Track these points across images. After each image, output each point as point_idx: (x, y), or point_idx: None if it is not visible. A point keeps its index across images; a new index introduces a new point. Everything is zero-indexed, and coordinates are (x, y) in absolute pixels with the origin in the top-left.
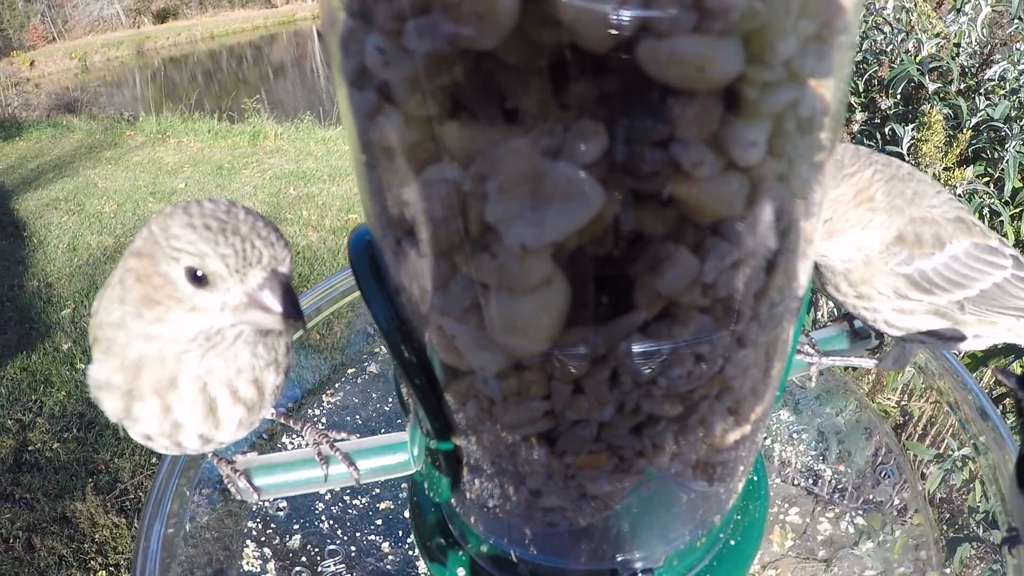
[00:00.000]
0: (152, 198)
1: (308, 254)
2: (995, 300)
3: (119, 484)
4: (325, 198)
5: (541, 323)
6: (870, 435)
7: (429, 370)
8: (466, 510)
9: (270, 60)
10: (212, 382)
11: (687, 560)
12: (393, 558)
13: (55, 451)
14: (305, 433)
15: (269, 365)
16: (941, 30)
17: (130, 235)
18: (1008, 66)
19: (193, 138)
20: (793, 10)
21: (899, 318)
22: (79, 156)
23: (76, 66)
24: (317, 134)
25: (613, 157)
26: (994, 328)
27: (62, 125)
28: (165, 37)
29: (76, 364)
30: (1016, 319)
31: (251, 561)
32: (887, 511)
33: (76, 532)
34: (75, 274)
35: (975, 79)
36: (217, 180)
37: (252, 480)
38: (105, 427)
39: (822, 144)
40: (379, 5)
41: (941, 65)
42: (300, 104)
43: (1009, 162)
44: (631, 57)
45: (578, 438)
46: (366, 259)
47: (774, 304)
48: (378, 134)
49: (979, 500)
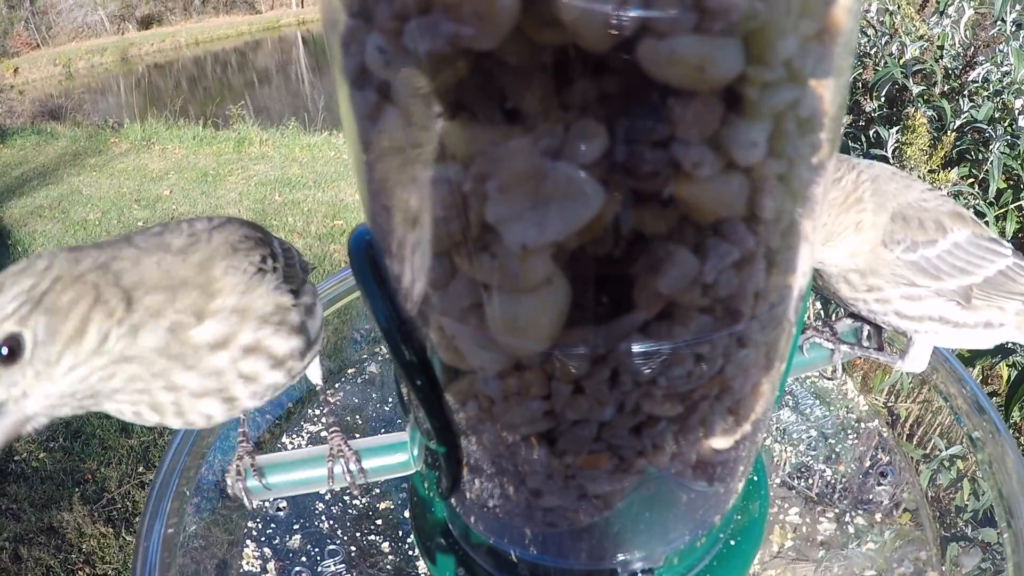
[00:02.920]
0: (137, 205)
1: None
2: (1000, 286)
3: (106, 494)
4: (311, 204)
5: (541, 323)
6: (870, 435)
7: (429, 370)
8: (466, 510)
9: (255, 66)
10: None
11: (687, 560)
12: (393, 558)
13: (41, 461)
14: (329, 426)
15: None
16: (924, 32)
17: None
18: (991, 68)
19: (178, 145)
20: (793, 10)
21: (909, 306)
22: (63, 163)
23: (60, 73)
24: (302, 140)
25: (613, 157)
26: (1003, 314)
27: (46, 132)
28: (149, 43)
29: None
30: (1023, 303)
31: (251, 561)
32: (887, 511)
33: (63, 542)
34: None
35: (959, 81)
36: (202, 187)
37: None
38: (92, 436)
39: (822, 144)
40: (379, 5)
41: (925, 67)
42: (285, 110)
43: (993, 163)
44: (631, 57)
45: (578, 438)
46: (366, 259)
47: (774, 304)
48: (378, 134)
49: (967, 499)
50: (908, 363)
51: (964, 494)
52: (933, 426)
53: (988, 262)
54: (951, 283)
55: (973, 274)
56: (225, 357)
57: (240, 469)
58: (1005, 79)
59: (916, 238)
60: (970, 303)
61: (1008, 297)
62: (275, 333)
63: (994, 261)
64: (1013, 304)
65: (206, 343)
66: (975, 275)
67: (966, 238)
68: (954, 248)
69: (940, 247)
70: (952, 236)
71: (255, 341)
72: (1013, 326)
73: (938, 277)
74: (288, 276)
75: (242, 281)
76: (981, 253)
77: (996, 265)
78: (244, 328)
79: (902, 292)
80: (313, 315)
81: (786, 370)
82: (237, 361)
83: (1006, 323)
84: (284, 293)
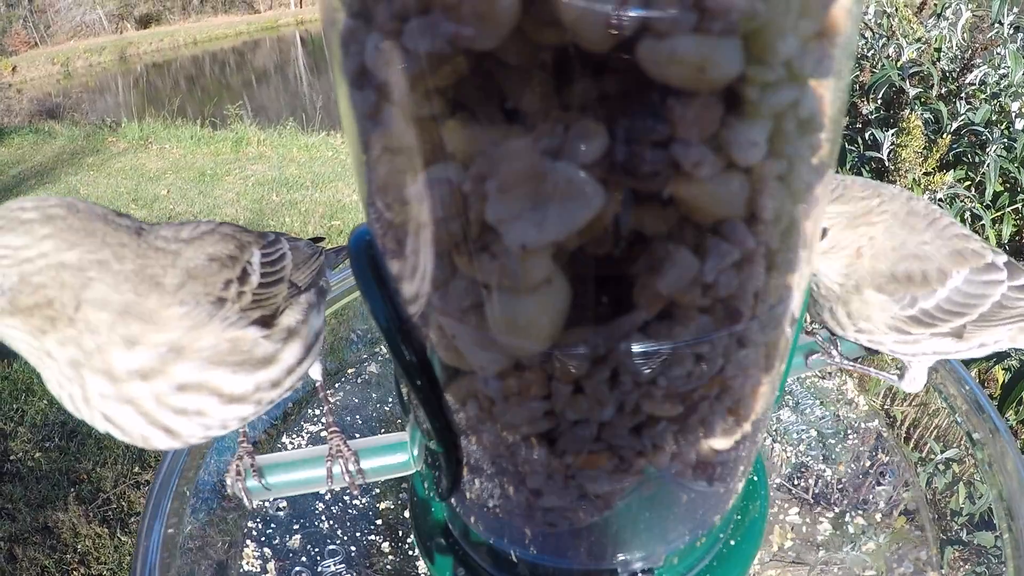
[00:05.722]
0: (135, 204)
1: None
2: (994, 315)
3: (101, 494)
4: (308, 204)
5: (541, 323)
6: (869, 435)
7: (429, 370)
8: (466, 510)
9: (253, 66)
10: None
11: (687, 560)
12: (393, 558)
13: (37, 460)
14: (328, 426)
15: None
16: (922, 35)
17: None
18: (988, 70)
19: (175, 144)
20: (793, 10)
21: (904, 347)
22: (61, 162)
23: (58, 72)
24: (300, 140)
25: (613, 157)
26: (996, 335)
27: (44, 131)
28: (148, 43)
29: None
30: (1014, 323)
31: (251, 561)
32: (887, 511)
33: (58, 542)
34: None
35: (956, 84)
36: (199, 186)
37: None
38: (87, 436)
39: (822, 145)
40: (379, 5)
41: (922, 70)
42: (283, 110)
43: (990, 166)
44: (631, 57)
45: (578, 438)
46: (366, 259)
47: (774, 304)
48: (378, 134)
49: (962, 503)
50: (907, 383)
51: (960, 498)
52: (929, 429)
53: (984, 298)
54: (945, 327)
55: (968, 315)
56: (147, 389)
57: (240, 469)
58: (1002, 82)
59: (916, 293)
60: (963, 337)
61: (1000, 324)
62: (230, 372)
63: (989, 296)
64: (1006, 331)
65: (127, 370)
66: (970, 315)
67: (964, 279)
68: (952, 294)
69: (939, 296)
70: (951, 282)
71: (198, 380)
72: (1007, 340)
73: (933, 324)
74: (262, 298)
75: (188, 314)
76: (978, 291)
77: (992, 298)
78: (178, 366)
79: (895, 338)
80: (296, 335)
81: (786, 370)
82: (167, 396)
83: (1000, 339)
84: (246, 326)
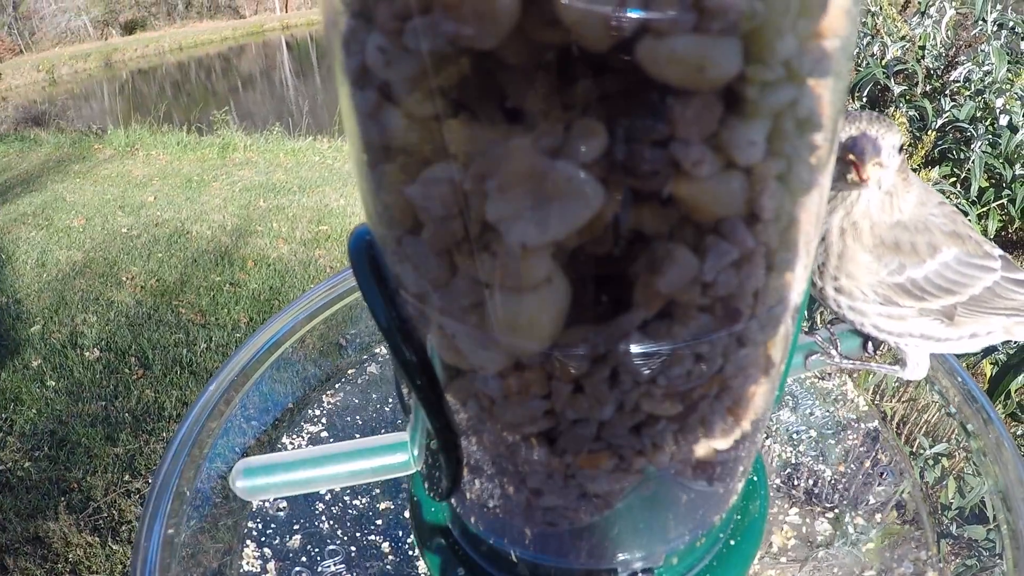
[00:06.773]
0: (121, 212)
1: (279, 266)
2: (986, 302)
3: (92, 503)
4: (295, 210)
5: (541, 322)
6: (869, 435)
7: (429, 370)
8: (466, 510)
9: (239, 71)
10: None
11: (687, 560)
12: (393, 558)
13: (26, 470)
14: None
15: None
16: (906, 33)
17: (99, 250)
18: (973, 68)
19: (162, 151)
20: (792, 10)
21: (888, 323)
22: (47, 170)
23: (44, 79)
24: (286, 145)
25: (613, 156)
26: (988, 326)
27: (29, 139)
28: (133, 49)
29: (46, 381)
30: (1007, 318)
31: (251, 561)
32: (887, 511)
33: (49, 552)
34: (44, 290)
35: (940, 81)
36: (187, 193)
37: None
38: (77, 445)
39: (821, 145)
40: (380, 5)
41: (906, 68)
42: (269, 115)
43: (975, 162)
44: (631, 57)
45: (578, 437)
46: (366, 259)
47: (774, 304)
48: (379, 133)
49: (952, 497)
50: (909, 371)
51: (949, 491)
52: (919, 424)
53: (975, 280)
54: (935, 303)
55: (958, 293)
56: None
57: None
58: (986, 79)
59: (905, 261)
60: (953, 320)
61: (993, 312)
62: None
63: (981, 279)
64: (998, 320)
65: None
66: (960, 294)
67: (954, 256)
68: (941, 268)
69: (928, 267)
70: (941, 256)
71: None
72: (1001, 332)
73: (922, 298)
74: None
75: None
76: (969, 271)
77: (983, 282)
78: None
79: (880, 311)
80: None
81: (786, 370)
82: None
83: (993, 330)
84: None
